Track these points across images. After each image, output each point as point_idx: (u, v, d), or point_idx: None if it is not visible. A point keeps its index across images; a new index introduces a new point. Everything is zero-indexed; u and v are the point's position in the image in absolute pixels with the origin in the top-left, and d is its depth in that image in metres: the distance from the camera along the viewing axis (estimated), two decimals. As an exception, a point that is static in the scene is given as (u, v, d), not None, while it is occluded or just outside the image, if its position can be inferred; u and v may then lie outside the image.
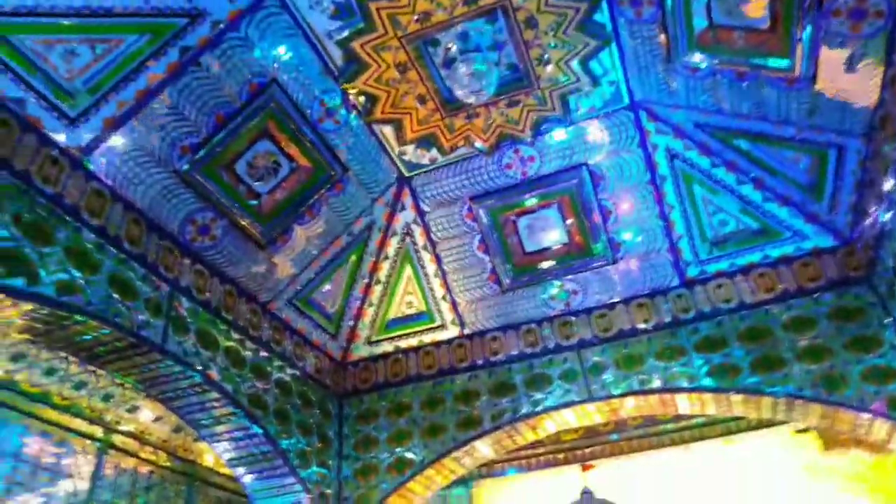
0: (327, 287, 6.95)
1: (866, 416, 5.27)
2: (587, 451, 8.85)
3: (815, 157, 5.15)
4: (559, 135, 5.96)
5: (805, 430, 8.15)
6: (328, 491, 6.71)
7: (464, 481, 9.09)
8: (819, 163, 5.16)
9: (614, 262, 6.47)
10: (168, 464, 8.36)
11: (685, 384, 5.93)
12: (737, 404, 5.88)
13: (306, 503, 6.37)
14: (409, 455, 6.75)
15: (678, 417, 8.23)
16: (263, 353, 6.32)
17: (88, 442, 7.35)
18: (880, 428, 5.33)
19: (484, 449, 6.78)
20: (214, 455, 8.91)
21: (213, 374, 5.53)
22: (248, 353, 6.09)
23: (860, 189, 5.09)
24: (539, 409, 6.43)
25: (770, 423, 7.99)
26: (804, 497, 7.95)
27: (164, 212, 5.29)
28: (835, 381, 5.38)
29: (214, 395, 5.63)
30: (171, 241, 5.40)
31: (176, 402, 5.74)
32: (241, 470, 6.30)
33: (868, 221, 5.19)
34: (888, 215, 4.77)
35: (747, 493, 8.13)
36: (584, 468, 6.70)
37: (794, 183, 5.50)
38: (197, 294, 5.59)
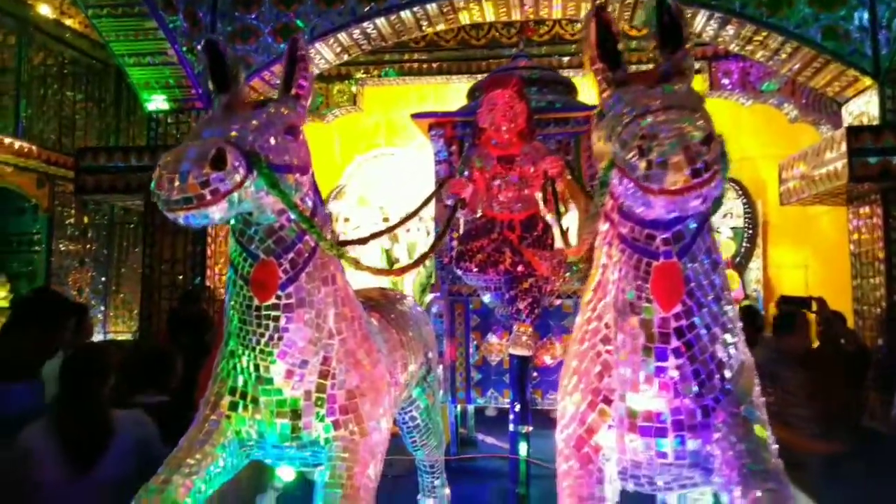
0: None
1: (791, 45, 5.10)
2: (483, 63, 8.41)
3: None
4: None
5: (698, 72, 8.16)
6: (199, 46, 5.80)
7: (347, 77, 8.49)
8: None
9: None
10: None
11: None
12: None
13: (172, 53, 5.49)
14: (298, 22, 5.85)
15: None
16: None
17: None
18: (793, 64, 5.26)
19: (384, 30, 6.03)
20: (52, 5, 7.36)
21: None
22: None
23: None
24: (461, -10, 5.60)
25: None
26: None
27: None
28: (779, 3, 5.02)
29: None
30: None
31: None
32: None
33: None
34: None
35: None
36: (527, 32, 6.23)
37: None
38: None
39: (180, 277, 5.66)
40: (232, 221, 1.59)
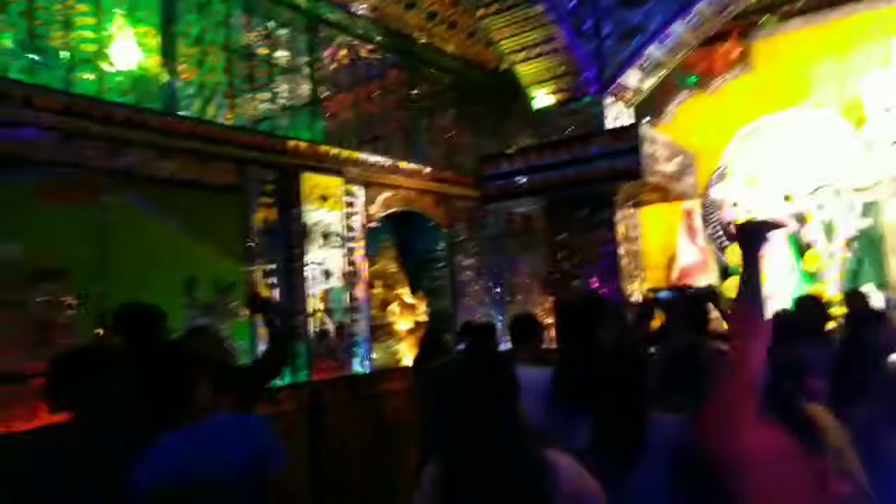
0: None
1: None
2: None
3: None
4: None
5: None
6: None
7: (730, 33, 7.21)
8: None
9: None
10: (385, 39, 7.23)
11: None
12: None
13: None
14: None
15: None
16: None
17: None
18: None
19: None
20: (433, 33, 7.69)
21: None
22: None
23: None
24: None
25: None
26: None
27: None
28: None
29: None
30: None
31: None
32: None
33: None
34: None
35: None
36: None
37: None
38: None
39: (594, 281, 5.13)
40: None
